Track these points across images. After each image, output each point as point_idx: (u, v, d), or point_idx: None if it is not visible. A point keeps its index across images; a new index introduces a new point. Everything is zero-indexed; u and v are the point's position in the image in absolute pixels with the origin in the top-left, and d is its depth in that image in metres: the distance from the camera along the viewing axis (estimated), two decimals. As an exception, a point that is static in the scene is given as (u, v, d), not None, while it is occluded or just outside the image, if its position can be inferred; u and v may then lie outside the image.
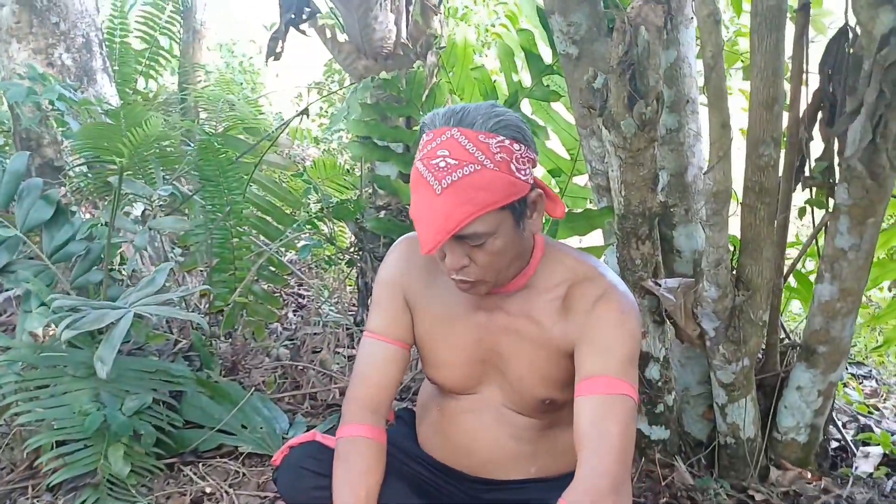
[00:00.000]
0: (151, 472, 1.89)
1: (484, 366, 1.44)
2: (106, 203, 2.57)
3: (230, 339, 2.69)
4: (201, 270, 3.02)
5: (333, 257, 3.34)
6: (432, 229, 1.23)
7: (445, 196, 1.22)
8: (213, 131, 3.38)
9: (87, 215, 2.81)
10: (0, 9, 2.82)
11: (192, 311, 2.82)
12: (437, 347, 1.46)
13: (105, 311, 1.62)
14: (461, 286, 1.32)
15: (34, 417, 1.78)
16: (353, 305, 3.33)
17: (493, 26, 5.89)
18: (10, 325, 2.77)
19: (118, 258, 2.41)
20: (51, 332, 2.17)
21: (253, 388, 2.30)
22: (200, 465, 2.02)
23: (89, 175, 2.58)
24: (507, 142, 1.25)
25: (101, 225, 2.10)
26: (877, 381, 3.12)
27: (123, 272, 2.33)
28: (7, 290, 2.78)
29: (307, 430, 2.20)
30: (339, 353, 2.75)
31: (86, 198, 2.72)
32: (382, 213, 2.74)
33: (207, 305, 2.83)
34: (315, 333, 2.87)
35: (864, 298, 4.21)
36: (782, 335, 2.13)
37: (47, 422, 1.81)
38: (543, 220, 1.37)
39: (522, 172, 1.26)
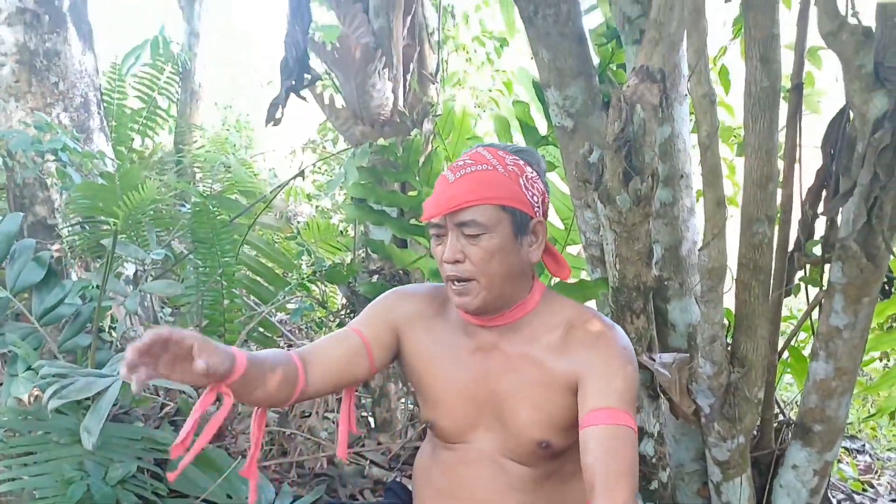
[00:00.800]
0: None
1: (479, 407, 1.45)
2: (99, 264, 2.56)
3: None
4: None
5: (324, 320, 3.33)
6: (440, 203, 1.35)
7: (457, 183, 1.35)
8: (209, 192, 3.38)
9: (78, 275, 2.79)
10: (0, 68, 2.85)
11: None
12: (433, 384, 1.48)
13: (93, 379, 1.60)
14: (455, 289, 1.38)
15: (17, 486, 1.73)
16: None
17: (490, 91, 5.98)
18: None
19: (108, 319, 2.38)
20: (35, 395, 2.13)
21: (240, 456, 2.25)
22: (183, 536, 1.97)
23: (86, 231, 2.57)
24: (521, 162, 1.39)
25: (94, 287, 2.08)
26: (870, 455, 3.09)
27: (113, 334, 2.30)
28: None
29: (294, 501, 2.16)
30: (327, 418, 2.71)
31: (78, 256, 2.70)
32: (375, 277, 2.73)
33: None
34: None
35: (855, 369, 4.19)
36: (777, 411, 2.12)
37: (28, 490, 1.77)
38: (539, 256, 1.42)
39: (529, 192, 1.38)
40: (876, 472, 2.85)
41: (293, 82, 2.39)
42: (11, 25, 2.87)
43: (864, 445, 3.19)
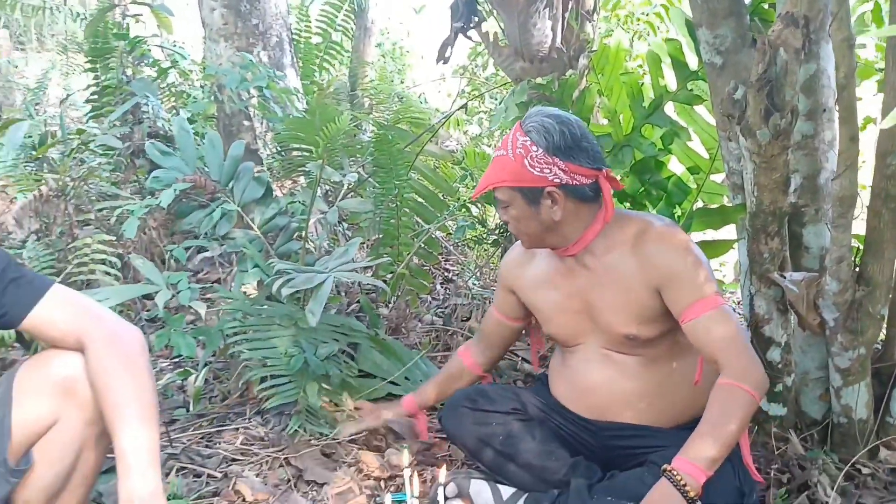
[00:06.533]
0: (338, 408, 2.28)
1: (578, 316, 1.86)
2: (300, 184, 3.00)
3: (391, 305, 3.07)
4: (363, 244, 3.42)
5: (481, 236, 3.67)
6: (479, 184, 1.81)
7: (489, 166, 1.79)
8: (384, 123, 3.76)
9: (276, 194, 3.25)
10: (211, 12, 3.31)
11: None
12: (543, 308, 1.93)
13: (312, 274, 2.01)
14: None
15: (253, 355, 2.20)
16: (495, 281, 3.65)
17: (647, 15, 5.92)
18: (207, 281, 3.27)
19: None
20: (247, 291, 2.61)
21: (413, 348, 2.66)
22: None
23: (283, 157, 3.02)
24: (528, 143, 1.72)
25: (299, 203, 2.51)
26: None
27: (311, 243, 2.73)
28: (203, 252, 3.29)
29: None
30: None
31: (275, 178, 3.16)
32: (529, 199, 3.02)
33: (371, 275, 3.22)
34: (463, 304, 3.21)
35: None
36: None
37: (256, 360, 2.23)
38: (561, 215, 1.76)
39: (536, 169, 1.71)
40: None
41: (462, 24, 2.67)
42: (220, -26, 3.32)
43: None
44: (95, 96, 3.49)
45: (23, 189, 3.11)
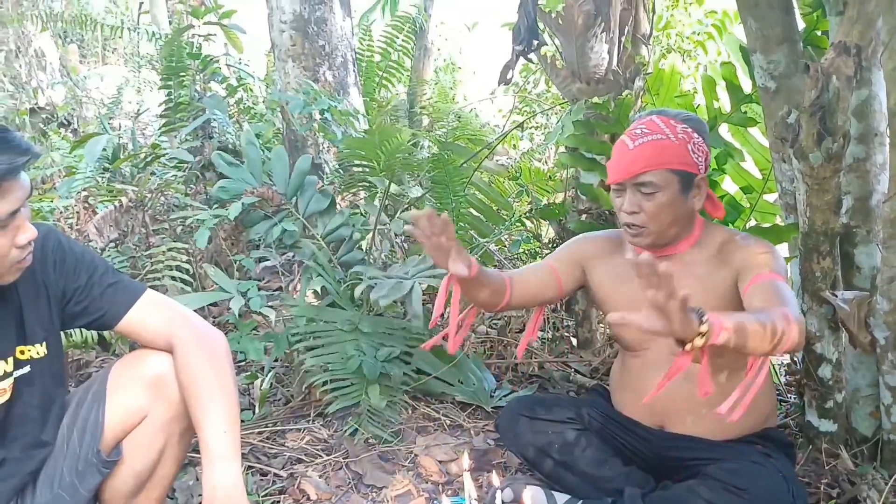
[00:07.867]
0: (395, 405, 2.40)
1: None
2: (360, 198, 3.13)
3: (444, 315, 3.16)
4: (417, 255, 3.53)
5: (534, 250, 3.76)
6: (621, 168, 1.75)
7: (636, 150, 1.74)
8: (441, 139, 3.89)
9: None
10: (281, 34, 3.47)
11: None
12: (616, 304, 1.92)
13: (399, 281, 2.17)
14: (630, 231, 1.81)
15: (316, 362, 2.32)
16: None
17: (698, 34, 5.96)
18: (268, 289, 3.41)
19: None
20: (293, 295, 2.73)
21: (468, 354, 2.76)
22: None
23: (342, 174, 3.15)
24: (689, 129, 1.76)
25: (360, 215, 2.64)
26: None
27: (372, 254, 2.85)
28: (264, 262, 3.43)
29: (509, 394, 2.62)
30: (539, 333, 3.15)
31: (337, 191, 3.30)
32: (584, 216, 3.09)
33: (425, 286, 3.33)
34: (517, 316, 3.30)
35: None
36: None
37: (320, 365, 2.35)
38: (701, 205, 1.80)
39: (696, 155, 1.75)
40: None
41: (523, 47, 2.77)
42: (290, -2, 3.49)
43: None
44: (168, 111, 3.68)
45: (103, 199, 3.30)
